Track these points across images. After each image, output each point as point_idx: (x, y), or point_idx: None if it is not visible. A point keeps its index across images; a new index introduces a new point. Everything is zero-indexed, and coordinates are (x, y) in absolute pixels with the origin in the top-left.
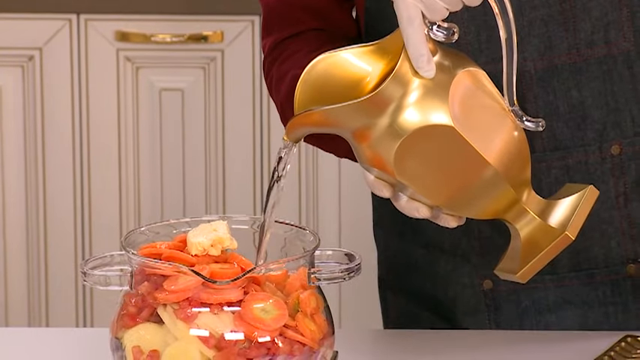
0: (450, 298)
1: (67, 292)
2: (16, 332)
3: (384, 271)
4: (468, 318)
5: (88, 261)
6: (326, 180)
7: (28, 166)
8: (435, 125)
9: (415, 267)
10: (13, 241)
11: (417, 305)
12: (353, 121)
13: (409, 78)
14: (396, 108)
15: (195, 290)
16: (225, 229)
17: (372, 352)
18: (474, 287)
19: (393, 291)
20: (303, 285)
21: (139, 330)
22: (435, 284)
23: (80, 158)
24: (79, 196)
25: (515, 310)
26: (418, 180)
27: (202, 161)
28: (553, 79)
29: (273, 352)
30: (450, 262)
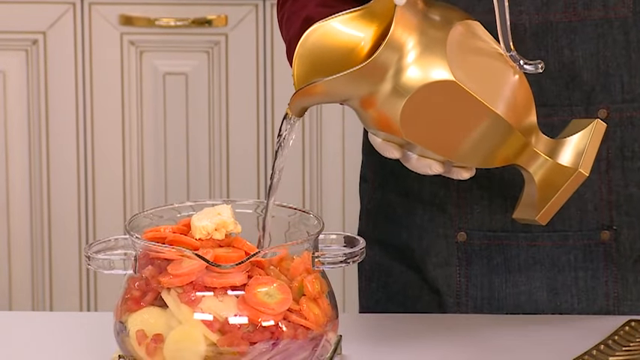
0: (423, 248)
1: (71, 276)
2: (20, 316)
3: (363, 225)
4: (438, 270)
5: (91, 245)
6: (329, 164)
7: (32, 151)
8: (436, 82)
9: (393, 217)
10: (17, 225)
11: (389, 256)
12: (355, 89)
13: (404, 40)
14: (395, 71)
15: (199, 274)
16: (230, 213)
17: (375, 336)
18: (448, 239)
19: (369, 243)
20: (307, 269)
21: (143, 314)
22: (410, 234)
23: (84, 142)
24: (83, 180)
25: (486, 265)
26: (426, 137)
27: (206, 145)
28: (547, 36)
29: (277, 336)
30: (428, 211)
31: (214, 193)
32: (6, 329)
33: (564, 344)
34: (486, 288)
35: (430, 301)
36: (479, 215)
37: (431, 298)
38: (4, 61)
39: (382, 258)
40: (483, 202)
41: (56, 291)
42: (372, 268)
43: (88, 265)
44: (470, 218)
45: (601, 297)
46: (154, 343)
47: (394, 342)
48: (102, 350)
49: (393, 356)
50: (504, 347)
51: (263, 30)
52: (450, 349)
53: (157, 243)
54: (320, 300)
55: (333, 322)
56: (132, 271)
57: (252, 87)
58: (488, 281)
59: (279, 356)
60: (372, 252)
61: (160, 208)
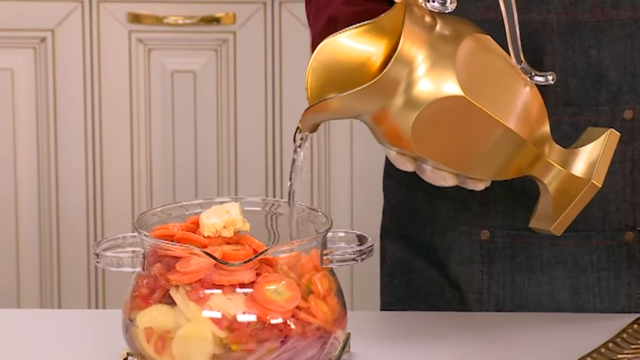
0: (446, 245)
1: (79, 273)
2: (29, 314)
3: (387, 220)
4: (461, 267)
5: (100, 242)
6: (338, 162)
7: (40, 149)
8: (445, 97)
9: (417, 213)
10: (25, 223)
11: (412, 253)
12: (366, 105)
13: (413, 55)
14: (405, 86)
15: (208, 272)
16: (238, 211)
17: (384, 334)
18: (471, 236)
19: (392, 239)
20: (316, 267)
21: (152, 311)
22: (433, 230)
23: (92, 140)
24: (92, 177)
25: (508, 264)
26: (438, 151)
27: (214, 143)
28: (574, 35)
29: (286, 334)
30: (451, 208)
31: (222, 191)
32: (14, 327)
33: (584, 342)
34: (508, 286)
35: (452, 298)
36: (502, 214)
37: (453, 295)
38: (13, 59)
39: (405, 254)
40: (507, 200)
41: (64, 288)
42: (394, 264)
43: (96, 263)
44: (493, 216)
45: (623, 298)
46: (162, 340)
47: (402, 339)
48: (110, 348)
49: (402, 353)
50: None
51: (271, 28)
52: (460, 346)
53: (166, 240)
54: (328, 298)
55: (342, 320)
56: (140, 269)
57: (261, 85)
58: (511, 279)
59: (288, 354)
60: (395, 248)
61: (169, 206)
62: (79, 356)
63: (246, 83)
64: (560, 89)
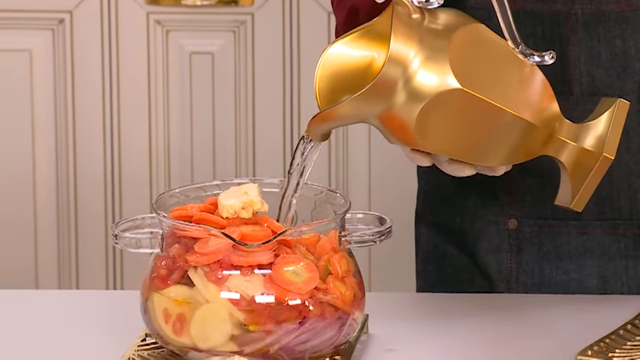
0: (475, 233)
1: (97, 254)
2: (47, 295)
3: (420, 206)
4: (490, 256)
5: (118, 224)
6: (356, 143)
7: (58, 130)
8: (443, 92)
9: (448, 201)
10: (43, 204)
11: (444, 239)
12: (367, 109)
13: (405, 53)
14: (403, 85)
15: (226, 253)
16: (256, 192)
17: (402, 315)
18: (499, 225)
19: (426, 225)
20: (334, 248)
21: (170, 292)
22: (463, 219)
23: (110, 122)
24: (110, 159)
25: (536, 252)
26: (446, 145)
27: (232, 125)
28: (599, 26)
29: (304, 315)
30: (480, 197)
31: (240, 172)
32: (32, 308)
33: (611, 322)
34: (537, 274)
35: (482, 285)
36: (529, 203)
37: (483, 283)
38: (31, 40)
39: (438, 240)
40: (534, 189)
41: (82, 269)
42: (428, 250)
43: (115, 244)
44: (521, 206)
45: None
46: (180, 321)
47: (421, 321)
48: (128, 328)
49: (420, 335)
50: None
51: (289, 9)
52: (481, 327)
53: (184, 222)
54: (347, 279)
55: (361, 302)
56: (159, 250)
57: (279, 66)
58: (539, 268)
59: (306, 335)
60: (429, 233)
61: (187, 187)
62: (97, 337)
63: (265, 65)
64: (585, 79)
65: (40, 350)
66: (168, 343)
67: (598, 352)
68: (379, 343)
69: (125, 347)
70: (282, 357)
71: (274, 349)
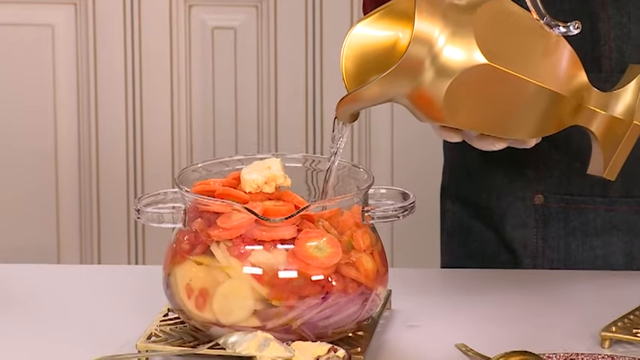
0: (501, 209)
1: (119, 229)
2: (69, 270)
3: (446, 180)
4: (516, 231)
5: (141, 198)
6: (378, 117)
7: (80, 105)
8: (470, 68)
9: (474, 176)
10: (65, 179)
11: (470, 215)
12: (394, 89)
13: (430, 31)
14: (430, 63)
15: (249, 228)
16: (279, 167)
17: (425, 291)
18: (525, 201)
19: (451, 199)
20: (357, 223)
21: (192, 267)
22: (489, 194)
23: (132, 97)
24: (132, 135)
25: (563, 228)
26: (475, 120)
27: (254, 100)
28: (629, 3)
29: (327, 290)
30: (507, 173)
31: (263, 147)
32: (54, 283)
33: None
34: (563, 250)
35: (507, 261)
36: (556, 179)
37: (508, 259)
38: (53, 14)
39: (463, 215)
40: (561, 166)
41: (104, 244)
42: (453, 225)
43: (137, 219)
44: (548, 181)
45: None
46: (202, 296)
47: (444, 297)
48: (150, 304)
49: (443, 311)
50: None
51: None
52: (504, 303)
53: (207, 196)
54: (369, 254)
55: (384, 277)
56: (181, 225)
57: (301, 41)
58: (565, 244)
59: (329, 310)
60: (454, 208)
61: (209, 162)
62: (119, 312)
63: (287, 39)
64: (615, 56)
65: (61, 326)
66: (191, 319)
67: (622, 329)
68: (402, 319)
69: (147, 322)
70: (304, 332)
71: (297, 325)
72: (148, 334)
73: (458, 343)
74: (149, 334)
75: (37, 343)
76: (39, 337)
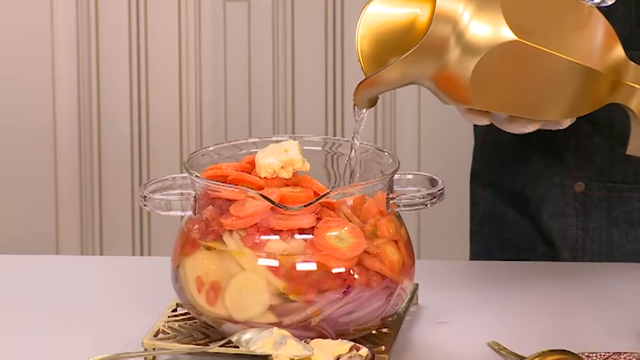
0: (538, 196)
1: (123, 217)
2: (68, 261)
3: (477, 165)
4: (554, 221)
5: (147, 184)
6: (404, 96)
7: (81, 81)
8: (498, 45)
9: (508, 161)
10: (65, 162)
11: (503, 202)
12: (418, 69)
13: (453, 7)
14: (454, 42)
15: (264, 216)
16: (297, 150)
17: (455, 284)
18: (564, 188)
19: (483, 186)
20: (381, 211)
21: (203, 259)
22: (525, 181)
23: (138, 75)
24: (137, 115)
25: (605, 218)
26: (506, 103)
27: (270, 78)
28: None
29: (349, 284)
30: (544, 158)
31: (279, 129)
32: (53, 275)
33: None
34: (604, 242)
35: (544, 253)
36: (598, 165)
37: (545, 250)
38: None
39: (495, 202)
40: (603, 151)
41: (107, 233)
42: (484, 212)
43: (143, 206)
44: (589, 168)
45: None
46: (214, 290)
47: (475, 290)
48: (157, 298)
49: (474, 306)
50: (606, 295)
51: None
52: (540, 297)
53: (219, 182)
54: (394, 245)
55: (409, 269)
56: (191, 213)
57: (320, 15)
58: (607, 235)
59: (350, 305)
60: (485, 194)
61: (221, 145)
62: (123, 307)
63: (305, 12)
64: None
65: (60, 322)
66: (202, 314)
67: None
68: (430, 315)
69: (154, 318)
70: (324, 329)
71: (316, 321)
72: (154, 331)
73: (490, 341)
74: (156, 331)
75: (34, 341)
76: (36, 334)
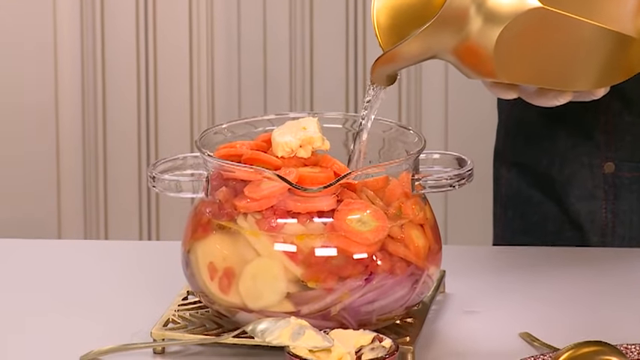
0: (565, 177)
1: (129, 199)
2: (71, 245)
3: (500, 144)
4: (582, 203)
5: (156, 164)
6: (430, 69)
7: (84, 53)
8: (522, 13)
9: (533, 139)
10: (67, 141)
11: (528, 183)
12: (438, 42)
13: None
14: (475, 11)
15: (281, 198)
16: (316, 127)
17: (484, 271)
18: (593, 169)
19: (506, 165)
20: (406, 193)
21: (216, 244)
22: (551, 160)
23: (145, 47)
24: (144, 89)
25: (636, 201)
26: (533, 75)
27: (286, 50)
28: None
29: (371, 271)
30: (572, 136)
31: (296, 105)
32: (55, 260)
33: None
34: (636, 226)
35: (572, 237)
36: (629, 144)
37: (573, 235)
38: None
39: (520, 184)
40: (635, 129)
41: (112, 217)
42: (508, 194)
43: (152, 187)
44: (620, 147)
45: None
46: (227, 277)
47: (505, 278)
48: (166, 285)
49: (504, 294)
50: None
51: None
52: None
53: (233, 162)
54: (420, 229)
55: (436, 255)
56: (202, 194)
57: None
58: (639, 219)
59: (373, 294)
60: (509, 175)
61: (235, 123)
62: (130, 295)
63: None
64: None
65: (62, 311)
66: (214, 303)
67: None
68: (458, 304)
69: (164, 307)
70: (345, 319)
71: (336, 310)
72: (164, 321)
73: (522, 332)
74: (165, 321)
75: (33, 331)
76: (35, 324)
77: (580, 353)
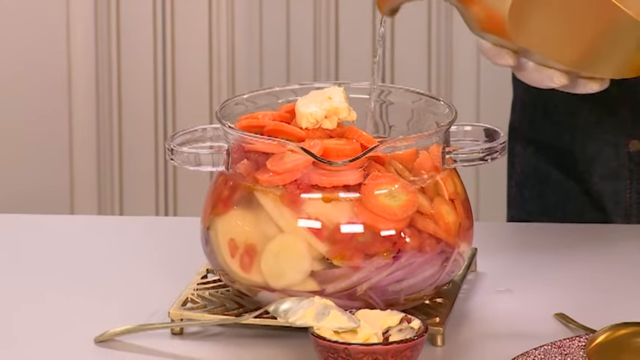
0: (587, 156)
1: (146, 173)
2: (85, 221)
3: (516, 119)
4: (605, 183)
5: (174, 136)
6: (461, 35)
7: (98, 21)
8: None
9: (553, 114)
10: (80, 112)
11: (546, 160)
12: None
13: None
14: None
15: (305, 171)
16: (342, 97)
17: (517, 249)
18: (618, 147)
19: (522, 142)
20: (436, 167)
21: (237, 219)
22: (572, 137)
23: (162, 13)
24: (161, 59)
25: None
26: (542, 41)
27: (310, 18)
28: None
29: (399, 248)
30: (594, 112)
31: (320, 75)
32: (68, 236)
33: None
34: None
35: (593, 219)
36: None
37: (594, 216)
38: None
39: (538, 161)
40: None
41: (127, 191)
42: (524, 172)
43: (170, 160)
44: None
45: None
46: (249, 254)
47: (539, 255)
48: (185, 263)
49: (538, 273)
50: None
51: None
52: (606, 262)
53: (254, 133)
54: (451, 205)
55: (467, 232)
56: (223, 168)
57: None
58: None
59: (401, 272)
60: (525, 153)
61: (257, 93)
62: (147, 274)
63: None
64: None
65: (76, 289)
66: (235, 281)
67: None
68: (489, 283)
69: (182, 286)
70: (371, 299)
71: (362, 289)
72: (182, 300)
73: (557, 313)
74: (184, 300)
75: (46, 310)
76: (48, 302)
77: (617, 335)
